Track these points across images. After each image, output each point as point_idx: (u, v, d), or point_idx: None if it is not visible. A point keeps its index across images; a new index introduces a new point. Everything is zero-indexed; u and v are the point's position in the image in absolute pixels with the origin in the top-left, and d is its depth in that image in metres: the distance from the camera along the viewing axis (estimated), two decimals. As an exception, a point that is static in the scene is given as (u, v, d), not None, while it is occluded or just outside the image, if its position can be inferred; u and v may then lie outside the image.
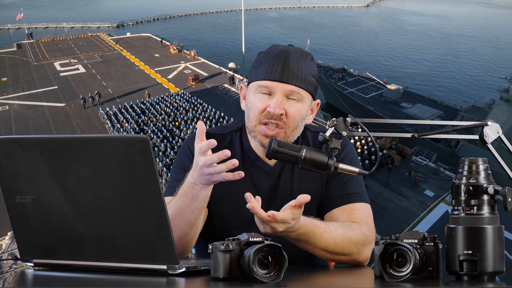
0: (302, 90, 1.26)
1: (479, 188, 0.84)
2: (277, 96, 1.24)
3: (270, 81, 1.24)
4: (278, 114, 1.24)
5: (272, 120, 1.25)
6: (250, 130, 1.30)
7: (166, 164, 20.87)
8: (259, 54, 1.33)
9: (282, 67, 1.24)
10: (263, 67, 1.27)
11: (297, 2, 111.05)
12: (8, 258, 1.33)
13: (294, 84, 1.24)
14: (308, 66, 1.27)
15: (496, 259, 0.82)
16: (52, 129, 26.69)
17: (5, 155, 0.89)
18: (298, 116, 1.27)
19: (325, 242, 1.15)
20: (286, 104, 1.25)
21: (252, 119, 1.28)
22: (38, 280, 0.93)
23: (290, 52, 1.26)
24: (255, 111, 1.27)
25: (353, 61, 51.95)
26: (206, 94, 32.76)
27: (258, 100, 1.27)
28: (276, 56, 1.26)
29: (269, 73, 1.25)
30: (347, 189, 1.34)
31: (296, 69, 1.24)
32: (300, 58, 1.27)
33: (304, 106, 1.28)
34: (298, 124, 1.28)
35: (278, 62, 1.24)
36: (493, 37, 72.88)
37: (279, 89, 1.24)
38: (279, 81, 1.24)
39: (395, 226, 16.65)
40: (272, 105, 1.23)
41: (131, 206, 0.84)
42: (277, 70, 1.24)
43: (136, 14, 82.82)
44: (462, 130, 1.04)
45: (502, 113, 26.15)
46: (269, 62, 1.26)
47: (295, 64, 1.25)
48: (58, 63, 43.48)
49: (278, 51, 1.27)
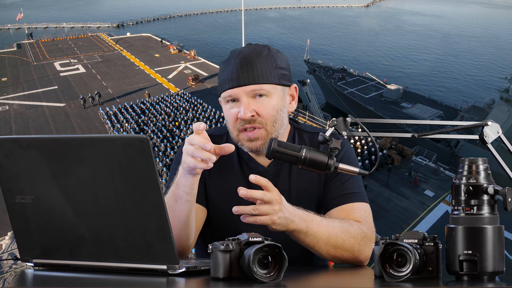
0: (264, 85, 1.26)
1: (479, 188, 0.84)
2: (242, 100, 1.26)
3: (231, 89, 1.26)
4: (249, 117, 1.25)
5: (247, 125, 1.26)
6: (236, 141, 1.32)
7: (166, 164, 20.86)
8: (220, 65, 1.35)
9: (237, 71, 1.25)
10: (222, 77, 1.30)
11: (297, 2, 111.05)
12: (8, 258, 1.33)
13: (254, 83, 1.25)
14: (264, 60, 1.27)
15: (496, 259, 0.82)
16: (52, 129, 26.69)
17: (5, 155, 0.89)
18: (271, 110, 1.27)
19: (326, 230, 1.15)
20: (255, 104, 1.26)
21: (232, 130, 1.31)
22: (38, 280, 0.93)
23: (244, 54, 1.27)
24: (230, 122, 1.30)
25: (353, 61, 51.94)
26: (206, 94, 32.75)
27: (228, 111, 1.30)
28: (229, 63, 1.28)
29: (228, 81, 1.27)
30: (346, 189, 1.34)
31: (252, 68, 1.25)
32: (255, 55, 1.27)
33: (274, 99, 1.28)
34: (275, 118, 1.29)
35: (233, 67, 1.26)
36: (493, 37, 72.86)
37: (241, 93, 1.26)
38: (238, 86, 1.25)
39: (395, 226, 16.65)
40: (241, 111, 1.25)
41: (131, 206, 0.84)
42: (233, 76, 1.26)
43: (136, 14, 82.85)
44: (462, 130, 1.04)
45: (502, 113, 26.15)
46: (226, 71, 1.28)
47: (250, 63, 1.26)
48: (58, 63, 43.50)
49: (233, 56, 1.29)
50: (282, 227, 1.08)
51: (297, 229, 1.10)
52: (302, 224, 1.10)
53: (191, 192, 1.15)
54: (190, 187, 1.14)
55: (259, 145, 1.28)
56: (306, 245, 1.16)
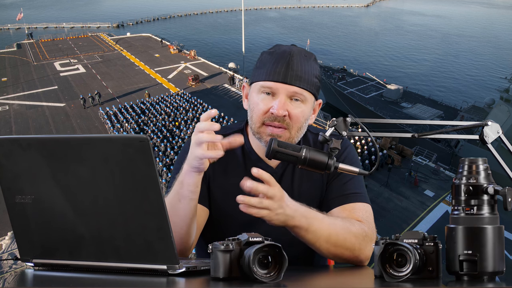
0: (305, 91, 1.25)
1: (479, 188, 0.84)
2: (280, 97, 1.24)
3: (273, 82, 1.24)
4: (282, 115, 1.23)
5: (275, 122, 1.25)
6: (254, 131, 1.30)
7: (166, 164, 20.87)
8: (262, 54, 1.32)
9: (286, 68, 1.23)
10: (266, 67, 1.26)
11: (297, 2, 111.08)
12: (8, 258, 1.33)
13: (297, 86, 1.23)
14: (311, 67, 1.27)
15: (496, 259, 0.82)
16: (52, 129, 26.69)
17: (5, 155, 0.89)
18: (302, 117, 1.27)
19: (327, 228, 1.14)
20: (289, 105, 1.25)
21: (256, 120, 1.28)
22: (38, 280, 0.93)
23: (294, 53, 1.25)
24: (258, 112, 1.27)
25: (353, 61, 51.94)
26: (206, 94, 32.76)
27: (260, 101, 1.26)
28: (279, 56, 1.25)
29: (272, 74, 1.24)
30: (347, 189, 1.34)
31: (299, 70, 1.24)
32: (304, 59, 1.26)
33: (307, 107, 1.28)
34: (302, 125, 1.28)
35: (282, 63, 1.24)
36: (493, 37, 72.87)
37: (282, 90, 1.24)
38: (282, 82, 1.23)
39: (395, 226, 16.65)
40: (275, 107, 1.23)
41: (131, 206, 0.84)
42: (280, 71, 1.23)
43: (136, 14, 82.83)
44: (462, 130, 1.04)
45: (502, 113, 26.16)
46: (272, 63, 1.25)
47: (299, 65, 1.24)
48: (58, 63, 43.48)
49: (281, 51, 1.27)
50: (281, 223, 1.07)
51: (297, 225, 1.10)
52: (303, 221, 1.10)
53: (196, 190, 1.15)
54: (195, 185, 1.14)
55: None
56: (307, 242, 1.15)
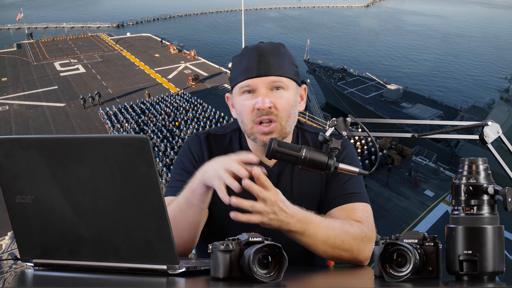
0: (283, 78, 1.26)
1: (479, 188, 0.84)
2: (260, 91, 1.25)
3: (249, 79, 1.25)
4: (267, 107, 1.24)
5: (264, 117, 1.25)
6: (248, 134, 1.30)
7: (166, 164, 20.86)
8: (233, 59, 1.34)
9: (257, 63, 1.25)
10: (239, 69, 1.28)
11: (297, 2, 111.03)
12: (8, 258, 1.33)
13: (273, 74, 1.25)
14: (282, 55, 1.28)
15: (496, 259, 0.82)
16: (52, 129, 26.68)
17: (5, 155, 0.89)
18: (287, 104, 1.27)
19: (324, 232, 1.14)
20: (272, 96, 1.25)
21: (247, 122, 1.28)
22: (38, 280, 0.93)
23: (261, 47, 1.28)
24: (245, 112, 1.28)
25: (353, 61, 51.92)
26: (206, 94, 32.74)
27: (244, 102, 1.28)
28: (248, 55, 1.28)
29: (246, 72, 1.26)
30: (347, 188, 1.33)
31: (271, 61, 1.25)
32: (272, 49, 1.27)
33: (291, 93, 1.28)
34: (290, 113, 1.29)
35: (252, 59, 1.26)
36: (493, 37, 72.84)
37: (260, 83, 1.25)
38: (257, 76, 1.24)
39: (395, 226, 16.65)
40: (259, 101, 1.24)
41: (131, 206, 0.84)
42: (253, 66, 1.25)
43: (136, 14, 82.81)
44: (462, 130, 1.04)
45: (502, 113, 26.15)
46: (244, 62, 1.27)
47: (269, 56, 1.25)
48: (58, 63, 43.46)
49: (249, 50, 1.29)
50: (275, 227, 1.07)
51: (292, 230, 1.10)
52: (298, 226, 1.09)
53: (206, 200, 1.15)
54: (206, 195, 1.14)
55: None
56: (303, 244, 1.15)
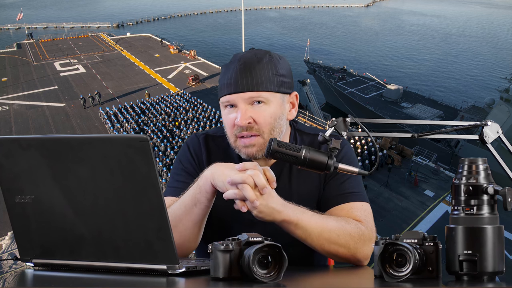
0: (263, 92, 1.25)
1: (479, 188, 0.84)
2: (240, 107, 1.26)
3: (229, 95, 1.26)
4: (245, 124, 1.25)
5: (244, 132, 1.26)
6: (233, 147, 1.32)
7: (166, 164, 20.86)
8: (222, 68, 1.35)
9: (236, 77, 1.25)
10: (222, 81, 1.30)
11: (297, 2, 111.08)
12: (8, 258, 1.33)
13: (252, 90, 1.24)
14: (264, 67, 1.27)
15: (496, 259, 0.82)
16: (52, 129, 26.69)
17: (5, 155, 0.89)
18: (269, 117, 1.27)
19: (319, 224, 1.14)
20: (252, 111, 1.26)
21: (229, 135, 1.31)
22: (38, 280, 0.93)
23: (244, 59, 1.27)
24: (228, 127, 1.30)
25: (353, 61, 51.93)
26: (206, 94, 32.74)
27: (226, 116, 1.30)
28: (230, 68, 1.28)
29: (227, 87, 1.27)
30: (345, 188, 1.33)
31: (251, 75, 1.25)
32: (255, 61, 1.26)
33: (272, 106, 1.28)
34: (273, 126, 1.28)
35: (233, 73, 1.26)
36: (493, 37, 72.85)
37: (239, 99, 1.25)
38: (235, 92, 1.25)
39: (395, 226, 16.65)
40: (238, 118, 1.25)
41: (131, 206, 0.84)
42: (232, 82, 1.26)
43: (136, 14, 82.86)
44: (462, 130, 1.04)
45: (502, 113, 26.15)
46: (226, 76, 1.28)
47: (249, 70, 1.25)
48: (58, 63, 43.49)
49: (235, 60, 1.29)
50: (267, 216, 1.07)
51: (286, 219, 1.09)
52: (292, 215, 1.10)
53: (212, 198, 1.15)
54: (213, 194, 1.15)
55: (255, 151, 1.28)
56: (298, 238, 1.15)
